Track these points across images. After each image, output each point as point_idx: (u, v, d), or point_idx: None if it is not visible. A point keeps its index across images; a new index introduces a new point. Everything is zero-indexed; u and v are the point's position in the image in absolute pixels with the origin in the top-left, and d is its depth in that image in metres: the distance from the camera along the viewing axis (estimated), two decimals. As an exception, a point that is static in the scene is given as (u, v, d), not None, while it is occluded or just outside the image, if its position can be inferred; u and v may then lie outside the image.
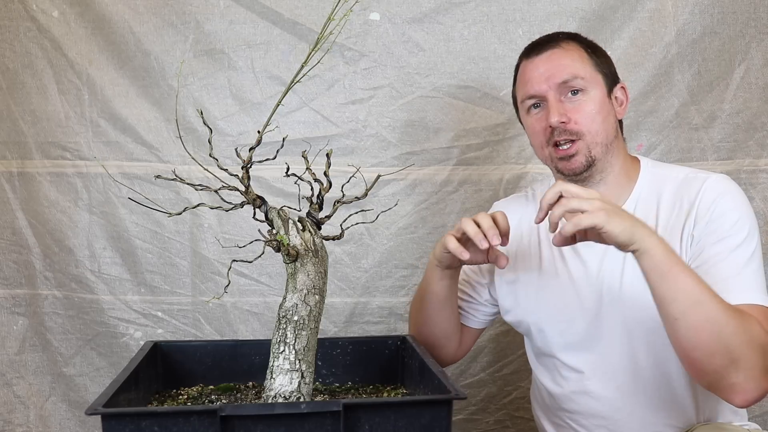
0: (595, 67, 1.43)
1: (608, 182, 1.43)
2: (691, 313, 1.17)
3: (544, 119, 1.41)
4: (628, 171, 1.45)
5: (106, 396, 1.12)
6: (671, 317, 1.19)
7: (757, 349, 1.19)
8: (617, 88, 1.46)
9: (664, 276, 1.17)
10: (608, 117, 1.42)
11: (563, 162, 1.41)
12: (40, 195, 1.90)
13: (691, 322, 1.18)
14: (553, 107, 1.39)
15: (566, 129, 1.39)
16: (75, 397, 1.96)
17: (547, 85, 1.40)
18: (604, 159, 1.41)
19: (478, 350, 1.96)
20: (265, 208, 1.24)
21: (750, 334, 1.19)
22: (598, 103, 1.40)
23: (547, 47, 1.44)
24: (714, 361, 1.19)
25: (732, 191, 1.37)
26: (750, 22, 1.87)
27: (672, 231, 1.37)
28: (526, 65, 1.46)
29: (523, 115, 1.48)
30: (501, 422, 1.98)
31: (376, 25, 1.87)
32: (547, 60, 1.42)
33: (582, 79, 1.40)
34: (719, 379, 1.21)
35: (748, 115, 1.89)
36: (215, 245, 1.90)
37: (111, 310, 1.92)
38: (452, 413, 1.14)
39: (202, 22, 1.86)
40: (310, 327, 1.22)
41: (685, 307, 1.17)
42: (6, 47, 1.87)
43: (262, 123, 1.22)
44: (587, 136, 1.39)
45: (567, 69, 1.40)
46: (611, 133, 1.42)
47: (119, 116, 1.88)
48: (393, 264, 1.93)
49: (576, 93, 1.40)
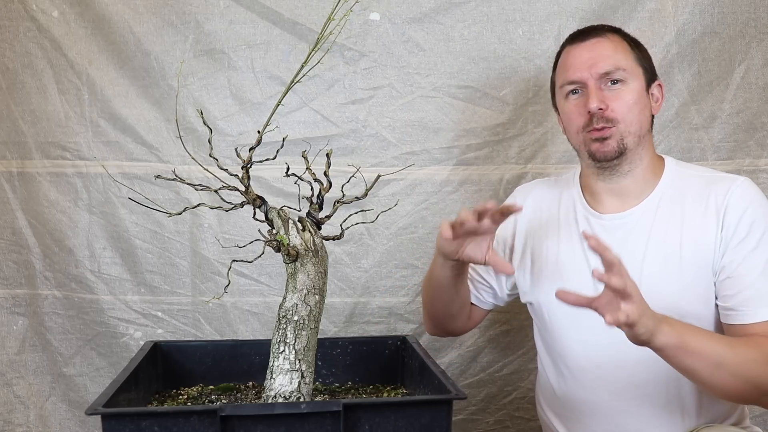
0: (637, 61, 1.46)
1: (635, 174, 1.46)
2: (715, 375, 1.24)
3: (583, 105, 1.43)
4: (654, 167, 1.48)
5: (106, 396, 1.12)
6: (699, 383, 1.29)
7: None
8: (655, 84, 1.49)
9: (681, 358, 1.24)
10: (644, 110, 1.45)
11: (596, 144, 1.43)
12: (40, 195, 1.90)
13: (717, 383, 1.26)
14: (593, 94, 1.41)
15: (604, 116, 1.41)
16: (75, 397, 1.96)
17: (589, 73, 1.43)
18: (635, 150, 1.44)
19: (478, 350, 1.96)
20: (265, 208, 1.24)
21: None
22: (636, 94, 1.43)
23: (592, 35, 1.47)
24: (747, 397, 1.31)
25: (760, 198, 1.41)
26: (750, 22, 1.87)
27: (699, 231, 1.40)
28: (569, 51, 1.49)
29: (561, 99, 1.50)
30: (501, 422, 1.98)
31: (376, 25, 1.87)
32: (591, 48, 1.45)
33: (623, 71, 1.43)
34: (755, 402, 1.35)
35: (748, 115, 1.89)
36: (215, 245, 1.90)
37: (111, 310, 1.92)
38: (452, 413, 1.14)
39: (202, 22, 1.86)
40: (310, 327, 1.22)
41: (708, 373, 1.24)
42: (6, 47, 1.87)
43: (262, 123, 1.22)
44: (622, 125, 1.41)
45: (610, 59, 1.43)
46: (645, 126, 1.45)
47: (119, 116, 1.88)
48: (393, 264, 1.93)
49: (616, 83, 1.43)
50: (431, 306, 1.61)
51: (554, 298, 1.47)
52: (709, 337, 1.27)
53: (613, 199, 1.48)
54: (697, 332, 1.26)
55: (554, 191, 1.58)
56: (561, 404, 1.55)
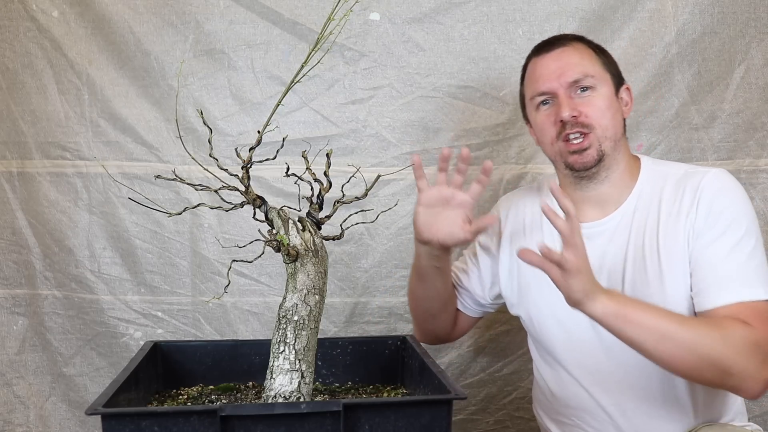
0: (604, 66, 1.46)
1: (612, 180, 1.46)
2: (659, 347, 1.25)
3: (554, 114, 1.44)
4: (631, 169, 1.47)
5: (106, 396, 1.12)
6: (646, 355, 1.27)
7: (743, 351, 1.25)
8: (623, 89, 1.49)
9: (621, 328, 1.25)
10: (616, 114, 1.45)
11: (575, 156, 1.42)
12: (40, 195, 1.90)
13: (665, 355, 1.25)
14: (564, 102, 1.42)
15: (578, 122, 1.41)
16: (75, 397, 1.96)
17: (558, 83, 1.43)
18: (612, 155, 1.44)
19: (478, 350, 1.96)
20: (265, 208, 1.24)
21: (732, 340, 1.25)
22: (607, 99, 1.43)
23: (557, 46, 1.47)
24: (705, 375, 1.27)
25: (732, 187, 1.40)
26: (750, 22, 1.87)
27: (674, 226, 1.39)
28: (536, 62, 1.49)
29: (532, 111, 1.50)
30: (501, 422, 1.98)
31: (376, 25, 1.87)
32: (557, 58, 1.45)
33: (592, 77, 1.43)
34: (720, 385, 1.29)
35: (748, 115, 1.89)
36: (215, 245, 1.90)
37: (111, 310, 1.92)
38: (452, 413, 1.14)
39: (202, 22, 1.86)
40: (310, 327, 1.22)
41: (652, 344, 1.25)
42: (6, 47, 1.87)
43: (262, 123, 1.22)
44: (598, 130, 1.42)
45: (577, 67, 1.43)
46: (619, 130, 1.45)
47: (119, 116, 1.88)
48: (393, 264, 1.92)
49: (585, 90, 1.43)
50: (415, 305, 1.63)
51: (543, 309, 1.49)
52: (656, 311, 1.28)
53: (592, 207, 1.47)
54: (643, 306, 1.28)
55: (536, 200, 1.57)
56: (559, 409, 1.55)
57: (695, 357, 1.24)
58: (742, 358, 1.25)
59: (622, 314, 1.24)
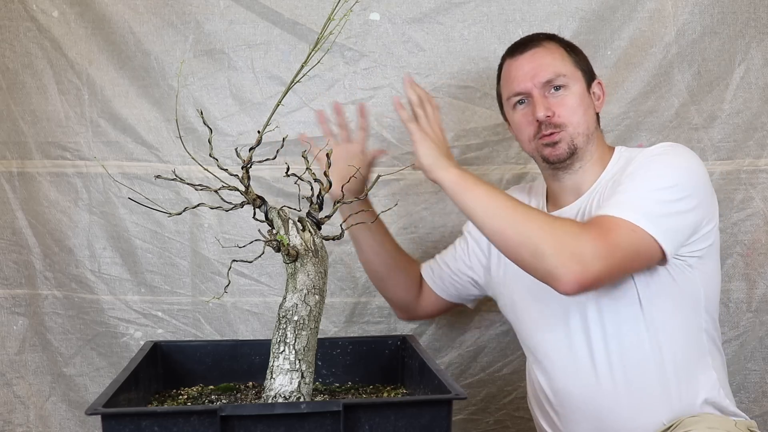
0: (575, 65, 1.54)
1: (585, 169, 1.54)
2: (488, 218, 1.36)
3: (530, 114, 1.51)
4: (602, 158, 1.55)
5: (106, 396, 1.12)
6: (480, 228, 1.38)
7: (562, 238, 1.31)
8: (594, 83, 1.57)
9: (460, 195, 1.38)
10: (588, 110, 1.53)
11: (548, 148, 1.50)
12: (40, 195, 1.90)
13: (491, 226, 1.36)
14: (538, 103, 1.49)
15: (551, 122, 1.49)
16: (75, 397, 1.95)
17: (532, 83, 1.51)
18: (585, 148, 1.52)
19: (478, 350, 1.96)
20: (265, 208, 1.24)
21: (556, 228, 1.33)
22: (579, 97, 1.51)
23: (530, 47, 1.55)
24: (521, 253, 1.34)
25: (675, 150, 1.45)
26: (750, 22, 1.87)
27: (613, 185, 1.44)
28: (510, 64, 1.57)
29: (509, 111, 1.58)
30: (501, 422, 1.98)
31: (376, 25, 1.87)
32: (530, 59, 1.53)
33: (564, 76, 1.51)
34: (536, 268, 1.34)
35: (748, 115, 1.89)
36: (215, 245, 1.90)
37: (111, 310, 1.92)
38: (452, 413, 1.14)
39: (202, 22, 1.86)
40: (310, 327, 1.22)
41: (482, 214, 1.36)
42: (6, 47, 1.87)
43: (262, 123, 1.22)
44: (570, 128, 1.50)
45: (550, 68, 1.51)
46: (591, 125, 1.53)
47: (119, 116, 1.88)
48: (393, 264, 1.92)
49: (558, 89, 1.51)
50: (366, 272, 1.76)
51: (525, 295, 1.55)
52: (498, 191, 1.40)
53: (568, 194, 1.56)
54: (487, 184, 1.40)
55: (525, 199, 1.64)
56: (551, 404, 1.56)
57: (514, 232, 1.33)
58: (557, 243, 1.30)
59: (463, 183, 1.37)
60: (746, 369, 1.91)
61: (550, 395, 1.55)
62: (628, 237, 1.33)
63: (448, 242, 1.82)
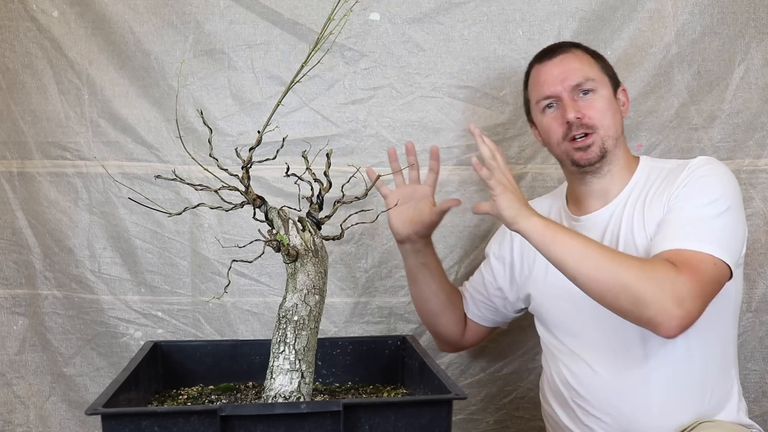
0: (602, 70, 1.58)
1: (613, 173, 1.56)
2: (581, 267, 1.33)
3: (561, 116, 1.54)
4: (629, 164, 1.58)
5: (106, 396, 1.12)
6: (571, 278, 1.36)
7: (660, 283, 1.31)
8: (619, 90, 1.61)
9: (548, 246, 1.35)
10: (616, 114, 1.56)
11: (580, 152, 1.53)
12: (40, 195, 1.90)
13: (583, 276, 1.34)
14: (569, 105, 1.53)
15: (582, 123, 1.52)
16: (75, 397, 1.95)
17: (562, 87, 1.54)
18: (614, 152, 1.55)
19: (478, 350, 1.96)
20: (265, 208, 1.24)
21: (651, 272, 1.32)
22: (607, 101, 1.55)
23: (558, 53, 1.59)
24: (621, 303, 1.32)
25: (713, 164, 1.48)
26: (750, 22, 1.87)
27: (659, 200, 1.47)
28: (539, 69, 1.60)
29: (537, 114, 1.60)
30: (501, 422, 1.98)
31: (376, 25, 1.87)
32: (559, 64, 1.57)
33: (592, 81, 1.55)
34: (637, 317, 1.33)
35: (748, 115, 1.89)
36: (215, 245, 1.90)
37: (111, 310, 1.92)
38: (452, 413, 1.14)
39: (202, 22, 1.86)
40: (310, 327, 1.22)
41: (574, 263, 1.34)
42: (6, 47, 1.87)
43: (262, 123, 1.22)
44: (601, 130, 1.53)
45: (579, 72, 1.55)
46: (619, 128, 1.57)
47: (119, 116, 1.88)
48: (393, 264, 1.92)
49: (587, 93, 1.54)
50: (417, 308, 1.76)
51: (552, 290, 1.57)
52: (584, 237, 1.38)
53: (595, 199, 1.58)
54: (572, 231, 1.39)
55: (545, 206, 1.68)
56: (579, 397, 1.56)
57: (612, 281, 1.31)
58: (658, 289, 1.30)
59: (550, 233, 1.35)
60: (746, 369, 1.91)
61: (579, 389, 1.55)
62: (714, 271, 1.36)
63: (457, 243, 1.83)
